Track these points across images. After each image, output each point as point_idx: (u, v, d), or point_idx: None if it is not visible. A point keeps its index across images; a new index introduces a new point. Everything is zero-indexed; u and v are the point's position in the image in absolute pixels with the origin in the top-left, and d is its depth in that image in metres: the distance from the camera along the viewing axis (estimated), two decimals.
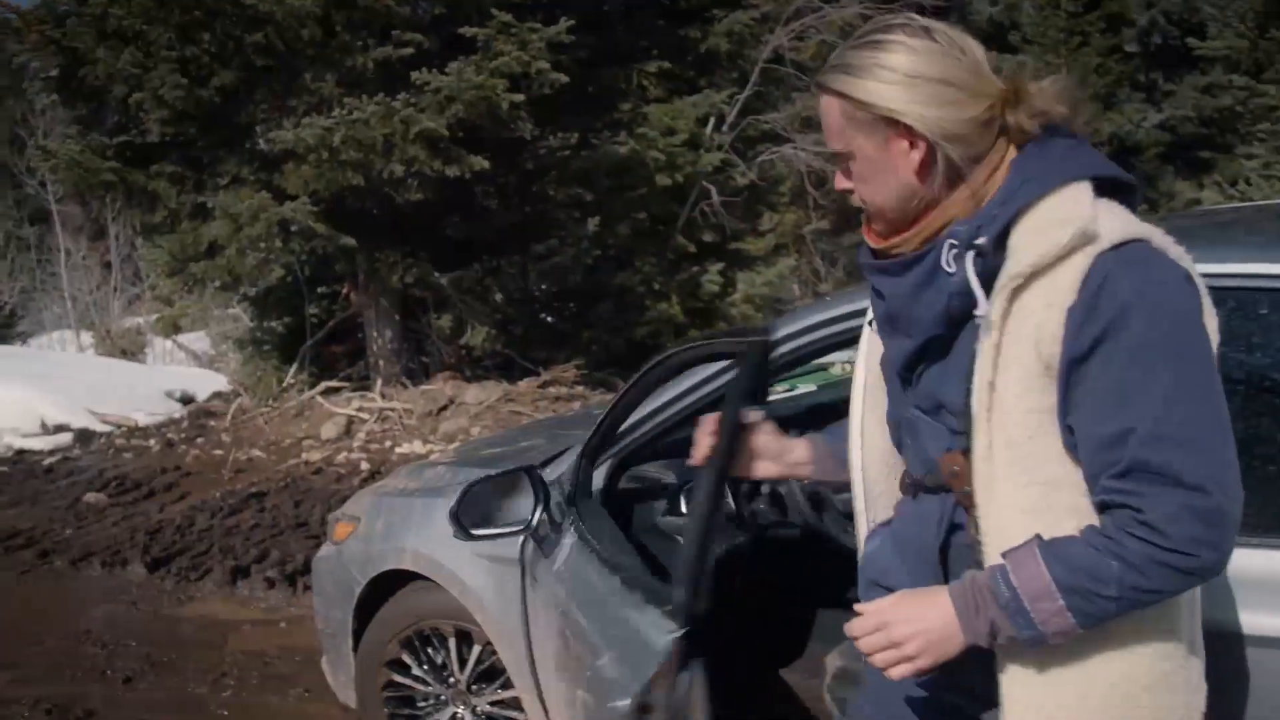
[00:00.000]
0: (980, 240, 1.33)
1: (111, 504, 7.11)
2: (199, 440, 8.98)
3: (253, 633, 4.77)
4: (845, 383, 2.37)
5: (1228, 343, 1.77)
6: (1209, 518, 1.24)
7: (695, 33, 10.18)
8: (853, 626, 1.42)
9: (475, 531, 2.50)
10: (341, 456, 8.06)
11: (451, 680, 3.13)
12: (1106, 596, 1.27)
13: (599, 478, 2.58)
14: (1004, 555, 1.33)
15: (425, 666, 3.16)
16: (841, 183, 1.47)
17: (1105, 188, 1.36)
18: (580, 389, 9.01)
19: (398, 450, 8.06)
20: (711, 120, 10.95)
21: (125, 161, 8.86)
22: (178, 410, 10.57)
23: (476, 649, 3.03)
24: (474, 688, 3.10)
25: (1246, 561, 1.52)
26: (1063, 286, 1.28)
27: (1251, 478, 1.34)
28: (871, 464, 1.63)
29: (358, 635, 3.26)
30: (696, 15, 10.56)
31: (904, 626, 1.36)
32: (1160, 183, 14.71)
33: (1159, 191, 14.53)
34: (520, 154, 8.89)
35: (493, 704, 3.08)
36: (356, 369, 10.13)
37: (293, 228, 8.08)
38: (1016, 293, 1.31)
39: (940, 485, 1.46)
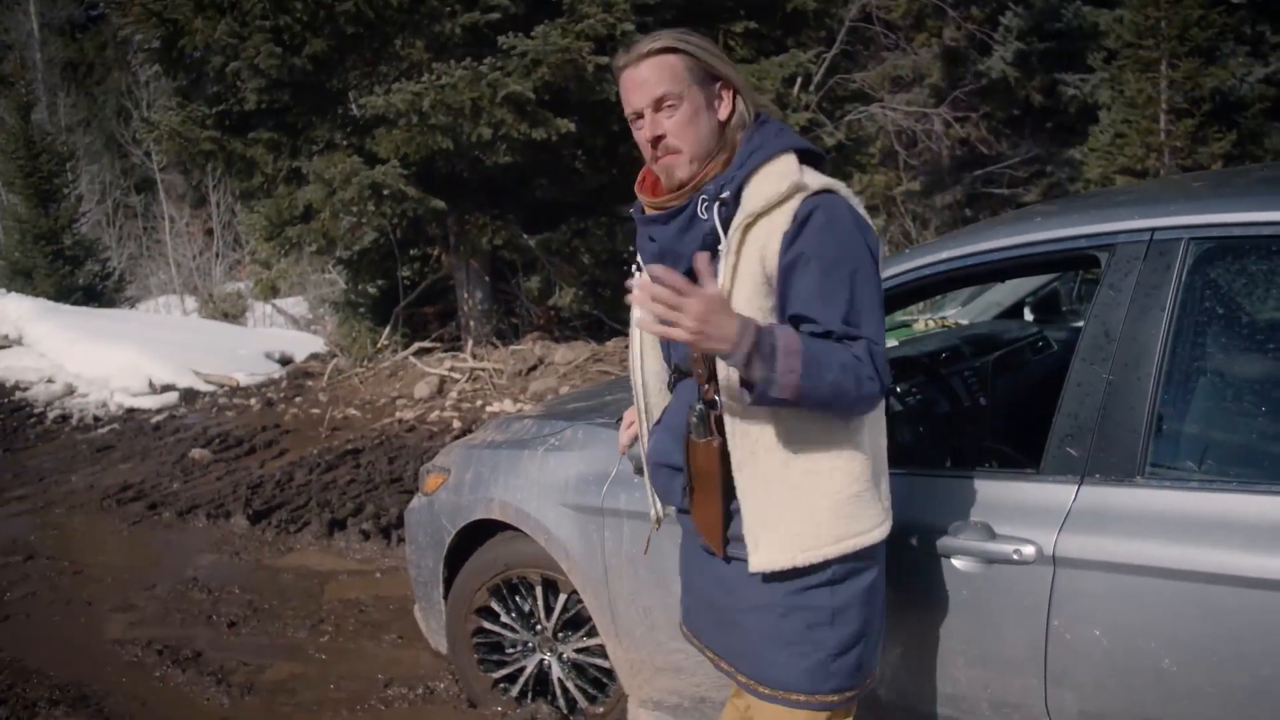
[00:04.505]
0: (724, 194, 1.89)
1: (215, 459, 7.40)
2: (297, 399, 9.25)
3: (349, 582, 4.94)
4: (927, 338, 2.39)
5: None
6: (878, 358, 1.83)
7: None
8: (655, 284, 1.69)
9: None
10: (434, 415, 8.24)
11: (538, 627, 3.20)
12: (822, 380, 1.76)
13: None
14: (776, 329, 1.77)
15: (513, 614, 3.24)
16: (657, 128, 1.93)
17: (805, 157, 1.93)
18: None
19: (488, 409, 8.20)
20: (798, 80, 10.76)
21: (223, 130, 9.10)
22: (277, 371, 10.90)
23: (563, 597, 3.10)
24: (560, 635, 3.18)
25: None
26: (781, 220, 1.84)
27: None
28: (650, 380, 2.18)
29: (448, 583, 3.36)
30: None
31: (698, 305, 1.67)
32: (1266, 140, 13.92)
33: (1264, 150, 13.70)
34: (607, 116, 8.88)
35: (578, 650, 3.16)
36: (448, 330, 10.29)
37: (384, 191, 8.21)
38: (748, 228, 1.86)
39: (690, 370, 1.98)
